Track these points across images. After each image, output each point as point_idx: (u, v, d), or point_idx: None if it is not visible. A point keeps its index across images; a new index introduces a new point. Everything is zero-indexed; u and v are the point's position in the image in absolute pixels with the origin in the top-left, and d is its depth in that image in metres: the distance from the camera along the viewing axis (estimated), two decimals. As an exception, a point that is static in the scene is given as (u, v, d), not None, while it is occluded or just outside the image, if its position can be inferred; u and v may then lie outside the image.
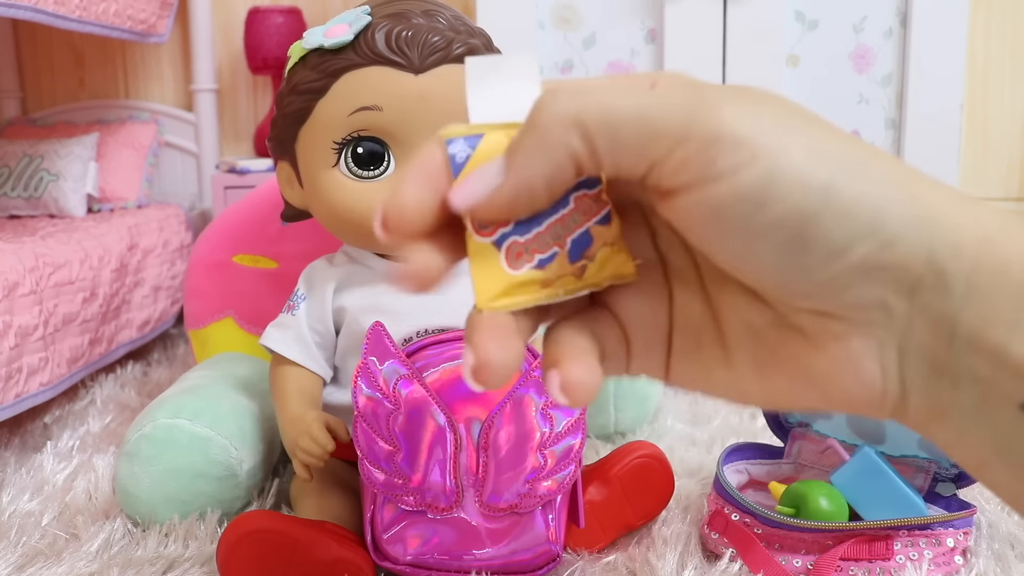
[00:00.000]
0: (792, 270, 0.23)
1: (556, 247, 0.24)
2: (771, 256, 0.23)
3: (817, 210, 0.22)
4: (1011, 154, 1.64)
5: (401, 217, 0.24)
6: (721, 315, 0.26)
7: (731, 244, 0.23)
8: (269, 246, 1.09)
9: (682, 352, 0.27)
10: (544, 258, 0.24)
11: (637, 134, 0.23)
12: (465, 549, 0.72)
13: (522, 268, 0.24)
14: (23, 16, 1.22)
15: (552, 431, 0.71)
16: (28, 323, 1.07)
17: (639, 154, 0.23)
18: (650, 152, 0.23)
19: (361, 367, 0.70)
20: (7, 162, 1.61)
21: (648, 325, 0.27)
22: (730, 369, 0.26)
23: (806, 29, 1.37)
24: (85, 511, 0.87)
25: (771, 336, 0.25)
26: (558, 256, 0.24)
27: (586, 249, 0.24)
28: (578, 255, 0.24)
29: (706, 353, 0.26)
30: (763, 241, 0.22)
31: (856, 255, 0.22)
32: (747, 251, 0.23)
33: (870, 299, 0.23)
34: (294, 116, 0.81)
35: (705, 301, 0.26)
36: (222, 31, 1.87)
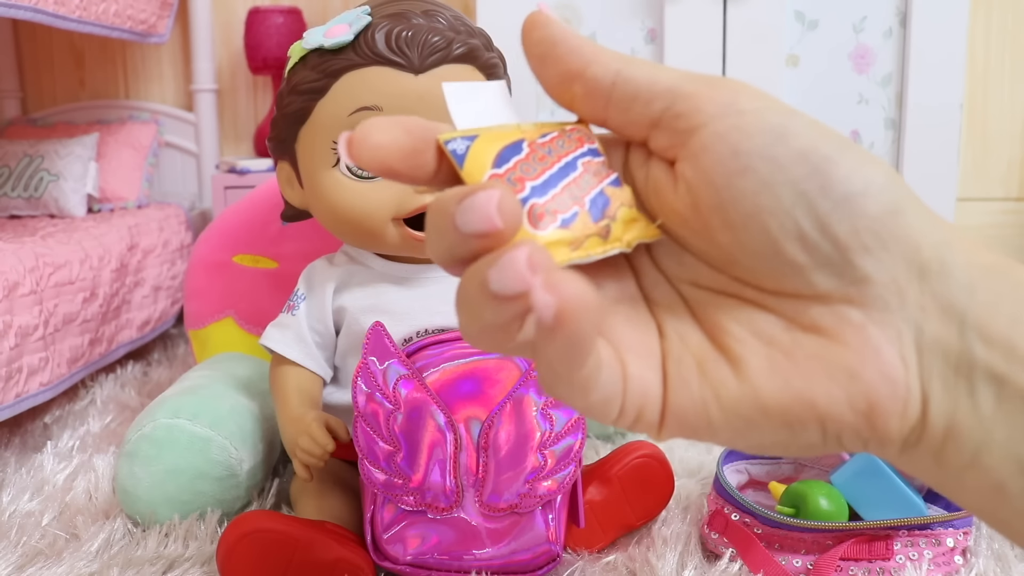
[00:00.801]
0: (813, 214, 0.23)
1: (576, 207, 0.24)
2: (793, 194, 0.23)
3: (836, 153, 0.23)
4: (1011, 154, 1.64)
5: (369, 138, 0.24)
6: (723, 333, 0.25)
7: (754, 177, 0.23)
8: (269, 246, 1.09)
9: (681, 382, 0.25)
10: (566, 217, 0.24)
11: (667, 71, 0.25)
12: (465, 549, 0.72)
13: (547, 228, 0.24)
14: (23, 16, 1.22)
15: (552, 431, 0.71)
16: (28, 323, 1.07)
17: (667, 88, 0.24)
18: (679, 87, 0.24)
19: (361, 367, 0.70)
20: (7, 162, 1.61)
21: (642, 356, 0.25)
22: (743, 381, 0.25)
23: (806, 29, 1.37)
24: (85, 511, 0.87)
25: (785, 340, 0.24)
26: (580, 215, 0.24)
27: (606, 208, 0.25)
28: (599, 214, 0.25)
29: (712, 374, 0.25)
30: (786, 173, 0.23)
31: (871, 207, 0.23)
32: (769, 187, 0.23)
33: (884, 275, 0.23)
34: (294, 116, 0.81)
35: (699, 328, 0.26)
36: (222, 31, 1.87)
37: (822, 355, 0.24)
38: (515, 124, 0.26)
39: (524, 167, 0.24)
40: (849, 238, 0.23)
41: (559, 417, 0.71)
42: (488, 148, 0.24)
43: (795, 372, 0.24)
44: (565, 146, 0.25)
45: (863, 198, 0.23)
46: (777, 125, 0.23)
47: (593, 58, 0.25)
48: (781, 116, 0.24)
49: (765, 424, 0.24)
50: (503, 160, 0.24)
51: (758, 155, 0.23)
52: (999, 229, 1.64)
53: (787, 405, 0.24)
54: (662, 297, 0.27)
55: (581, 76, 0.25)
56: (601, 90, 0.25)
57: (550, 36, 0.25)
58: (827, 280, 0.23)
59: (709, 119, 0.24)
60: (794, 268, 0.23)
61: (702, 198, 0.24)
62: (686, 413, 0.25)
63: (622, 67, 0.25)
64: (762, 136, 0.23)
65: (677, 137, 0.24)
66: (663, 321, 0.26)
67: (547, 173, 0.24)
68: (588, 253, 0.24)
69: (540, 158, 0.25)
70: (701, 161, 0.24)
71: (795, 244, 0.23)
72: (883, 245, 0.23)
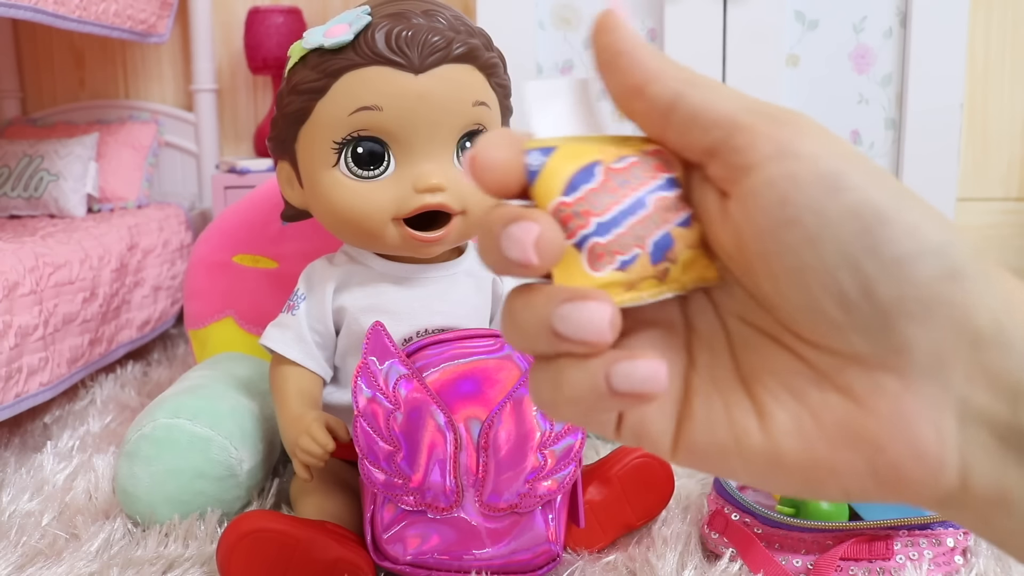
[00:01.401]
0: (857, 277, 0.22)
1: (637, 248, 0.24)
2: (838, 254, 0.22)
3: (890, 211, 0.22)
4: (1011, 154, 1.64)
5: (487, 161, 0.23)
6: (756, 380, 0.25)
7: (800, 232, 0.22)
8: (269, 246, 1.09)
9: (708, 418, 0.25)
10: (626, 259, 0.24)
11: (728, 99, 0.23)
12: (465, 549, 0.72)
13: (604, 270, 0.23)
14: (23, 16, 1.22)
15: (552, 430, 0.71)
16: (28, 323, 1.07)
17: (726, 117, 0.23)
18: (737, 118, 0.23)
19: (361, 367, 0.70)
20: (7, 162, 1.61)
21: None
22: (767, 435, 0.24)
23: (806, 29, 1.37)
24: (85, 511, 0.87)
25: (815, 400, 0.23)
26: (640, 257, 0.24)
27: (668, 251, 0.24)
28: (660, 257, 0.24)
29: (738, 421, 0.25)
30: (833, 230, 0.22)
31: (922, 272, 0.21)
32: (815, 244, 0.22)
33: (928, 344, 0.22)
34: (294, 116, 0.81)
35: (733, 368, 0.25)
36: (222, 31, 1.87)
37: (850, 423, 0.23)
38: (596, 138, 0.25)
39: (593, 199, 0.24)
40: (893, 304, 0.22)
41: (559, 417, 0.71)
42: (562, 168, 0.24)
43: (820, 438, 0.23)
44: (641, 175, 0.24)
45: (914, 262, 0.21)
46: (832, 175, 0.22)
47: (655, 75, 0.24)
48: (838, 163, 0.22)
49: (784, 478, 0.24)
50: (573, 187, 0.24)
51: (807, 208, 0.22)
52: (999, 229, 1.64)
53: (808, 468, 0.24)
54: (705, 327, 0.26)
55: (641, 93, 0.24)
56: (660, 110, 0.24)
57: (615, 45, 0.24)
58: (865, 343, 0.22)
59: (763, 160, 0.22)
60: (832, 326, 0.22)
61: (747, 242, 0.23)
62: (705, 452, 0.25)
63: (683, 89, 0.24)
64: (814, 187, 0.22)
65: (730, 172, 0.23)
66: (698, 354, 0.26)
67: (615, 209, 0.24)
68: (641, 295, 0.24)
69: (612, 189, 0.24)
70: (749, 205, 0.23)
71: (835, 304, 0.22)
72: (930, 313, 0.21)
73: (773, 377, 0.24)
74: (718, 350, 0.25)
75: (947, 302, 0.21)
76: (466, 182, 0.81)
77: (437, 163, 0.79)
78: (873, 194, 0.22)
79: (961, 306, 0.21)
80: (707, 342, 0.26)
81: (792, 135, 0.22)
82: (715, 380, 0.25)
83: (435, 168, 0.79)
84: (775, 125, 0.23)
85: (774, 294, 0.23)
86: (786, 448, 0.24)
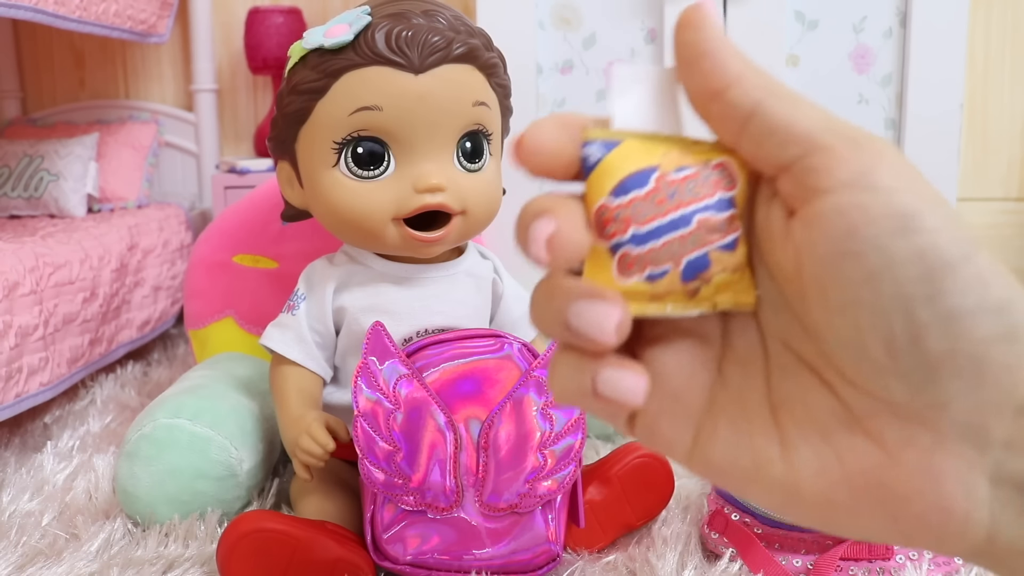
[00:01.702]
0: (909, 323, 0.21)
1: (669, 264, 0.23)
2: (895, 296, 0.21)
3: (958, 261, 0.21)
4: (1011, 154, 1.64)
5: (533, 144, 0.23)
6: (786, 411, 0.24)
7: (862, 266, 0.21)
8: (269, 246, 1.09)
9: (732, 439, 0.24)
10: (655, 273, 0.23)
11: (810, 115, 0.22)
12: (465, 549, 0.72)
13: (631, 279, 0.23)
14: (23, 16, 1.22)
15: (552, 431, 0.71)
16: (28, 323, 1.07)
17: (805, 134, 0.22)
18: (816, 137, 0.22)
19: (361, 367, 0.70)
20: (7, 162, 1.61)
21: (678, 396, 0.25)
22: (788, 468, 0.24)
23: (806, 29, 1.37)
24: (85, 511, 0.87)
25: (843, 443, 0.23)
26: (669, 274, 0.24)
27: (702, 272, 0.24)
28: (692, 276, 0.24)
29: (761, 450, 0.24)
30: (896, 271, 0.21)
31: (979, 330, 0.20)
32: (873, 281, 0.21)
33: (969, 405, 0.21)
34: (294, 116, 0.81)
35: (765, 393, 0.25)
36: (222, 31, 1.87)
37: (875, 471, 0.22)
38: (665, 137, 0.24)
39: (638, 207, 0.23)
40: (942, 357, 0.21)
41: (559, 417, 0.71)
42: (618, 168, 0.24)
43: (842, 481, 0.23)
44: (694, 190, 0.24)
45: (972, 318, 0.20)
46: (905, 213, 0.21)
47: (736, 80, 0.23)
48: (914, 202, 0.21)
49: (802, 512, 0.24)
50: (622, 191, 0.23)
51: (873, 244, 0.21)
52: (999, 229, 1.64)
53: (827, 507, 0.23)
54: (744, 346, 0.25)
55: (720, 97, 0.23)
56: (738, 118, 0.23)
57: (699, 44, 0.23)
58: (905, 392, 0.21)
59: (837, 185, 0.22)
60: (875, 368, 0.22)
61: (805, 267, 0.22)
62: (723, 470, 0.25)
63: (763, 98, 0.23)
64: (884, 223, 0.21)
65: (801, 192, 0.22)
66: (730, 372, 0.25)
67: (656, 222, 0.23)
68: (664, 308, 0.24)
69: (659, 201, 0.23)
70: (814, 229, 0.22)
71: (882, 346, 0.21)
72: (979, 374, 0.21)
73: (804, 410, 0.24)
74: (752, 372, 0.25)
75: (999, 364, 0.21)
76: (466, 183, 0.81)
77: (437, 163, 0.79)
78: (943, 240, 0.21)
79: (1013, 370, 0.21)
80: (742, 361, 0.25)
81: (872, 164, 0.22)
82: (744, 401, 0.25)
83: (435, 168, 0.79)
84: (855, 150, 0.22)
85: (823, 324, 0.23)
86: (806, 485, 0.23)
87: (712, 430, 0.25)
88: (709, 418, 0.25)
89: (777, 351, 0.25)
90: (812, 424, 0.23)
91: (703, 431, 0.25)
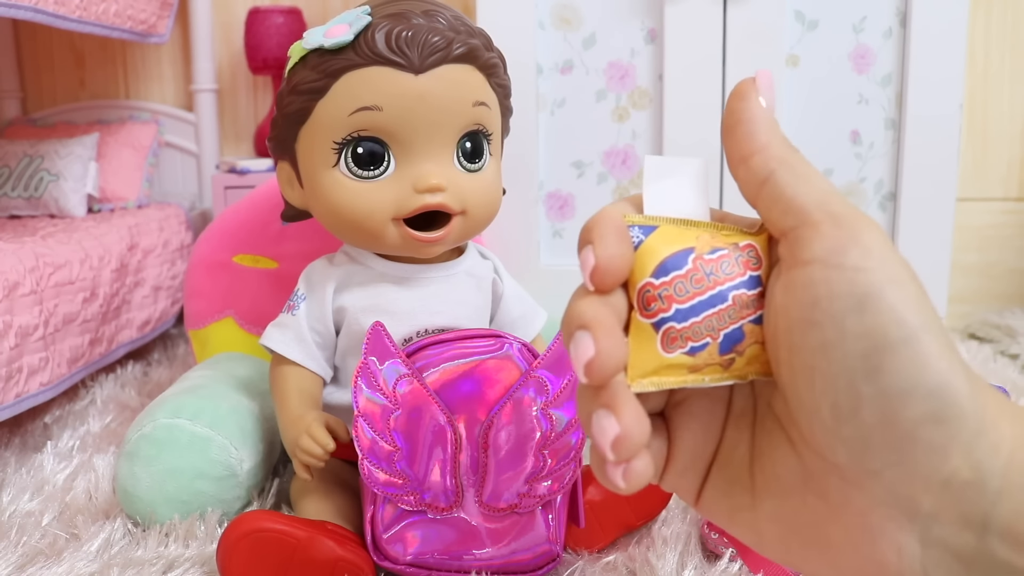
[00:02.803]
0: (851, 394, 0.23)
1: (709, 338, 0.25)
2: (842, 368, 0.23)
3: (899, 343, 0.22)
4: (1011, 154, 1.64)
5: (609, 269, 0.26)
6: (760, 465, 0.27)
7: (819, 336, 0.23)
8: (269, 246, 1.09)
9: (716, 487, 0.28)
10: (696, 346, 0.25)
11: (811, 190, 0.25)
12: (465, 549, 0.72)
13: (674, 352, 0.25)
14: (23, 16, 1.22)
15: (552, 431, 0.71)
16: (28, 323, 1.07)
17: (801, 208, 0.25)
18: (808, 213, 0.24)
19: (361, 367, 0.70)
20: (7, 162, 1.61)
21: (694, 452, 0.28)
22: (755, 515, 0.27)
23: (806, 29, 1.37)
24: (85, 511, 0.87)
25: (796, 500, 0.25)
26: (709, 347, 0.25)
27: (737, 344, 0.26)
28: (728, 348, 0.26)
29: (736, 496, 0.27)
30: (846, 346, 0.23)
31: (909, 411, 0.22)
32: (827, 351, 0.23)
33: (896, 479, 0.23)
34: (294, 116, 0.81)
35: (749, 447, 0.27)
36: (222, 31, 1.87)
37: (821, 527, 0.25)
38: (696, 222, 0.26)
39: (679, 286, 0.25)
40: (875, 430, 0.23)
41: (559, 417, 0.71)
42: (658, 250, 0.26)
43: (795, 533, 0.25)
44: (728, 270, 0.26)
45: (903, 398, 0.22)
46: (866, 294, 0.23)
47: (761, 148, 0.26)
48: (879, 284, 0.23)
49: (766, 551, 0.27)
50: (663, 271, 0.26)
51: (831, 318, 0.23)
52: (999, 229, 1.64)
53: (782, 552, 0.26)
54: (740, 405, 0.28)
55: (745, 162, 0.26)
56: (755, 183, 0.26)
57: (738, 113, 0.26)
58: (845, 457, 0.23)
59: (812, 259, 0.24)
60: (824, 431, 0.24)
61: (780, 328, 0.25)
62: (712, 513, 0.28)
63: (777, 168, 0.25)
64: (843, 301, 0.23)
65: (790, 258, 0.25)
66: (728, 428, 0.28)
67: (697, 299, 0.25)
68: (702, 380, 0.26)
69: (697, 280, 0.26)
70: (789, 295, 0.24)
71: (829, 412, 0.23)
72: (906, 448, 0.22)
73: (771, 466, 0.26)
74: (742, 426, 0.27)
75: (926, 443, 0.22)
76: (466, 183, 0.81)
77: (437, 163, 0.79)
78: (889, 322, 0.23)
79: (940, 450, 0.22)
80: (737, 417, 0.28)
81: (845, 243, 0.23)
82: (732, 453, 0.27)
83: (435, 168, 0.79)
84: (835, 228, 0.24)
85: (788, 384, 0.24)
86: (767, 531, 0.26)
87: (708, 480, 0.28)
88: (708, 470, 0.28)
89: (763, 410, 0.27)
90: (776, 479, 0.26)
91: (704, 481, 0.28)
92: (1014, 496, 0.22)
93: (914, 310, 0.23)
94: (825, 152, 1.39)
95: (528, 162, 1.40)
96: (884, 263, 0.23)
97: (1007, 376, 1.28)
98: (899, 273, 0.23)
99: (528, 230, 1.41)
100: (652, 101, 1.40)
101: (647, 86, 1.39)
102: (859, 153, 1.39)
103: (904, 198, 1.37)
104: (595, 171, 1.42)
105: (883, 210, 1.41)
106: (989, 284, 1.64)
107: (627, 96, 1.40)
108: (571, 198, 1.43)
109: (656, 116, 1.40)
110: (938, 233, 1.38)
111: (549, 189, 1.44)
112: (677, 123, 1.37)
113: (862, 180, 1.40)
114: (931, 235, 1.38)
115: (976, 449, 0.22)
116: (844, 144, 1.39)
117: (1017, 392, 1.18)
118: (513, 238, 1.40)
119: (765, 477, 0.26)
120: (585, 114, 1.41)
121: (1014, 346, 1.40)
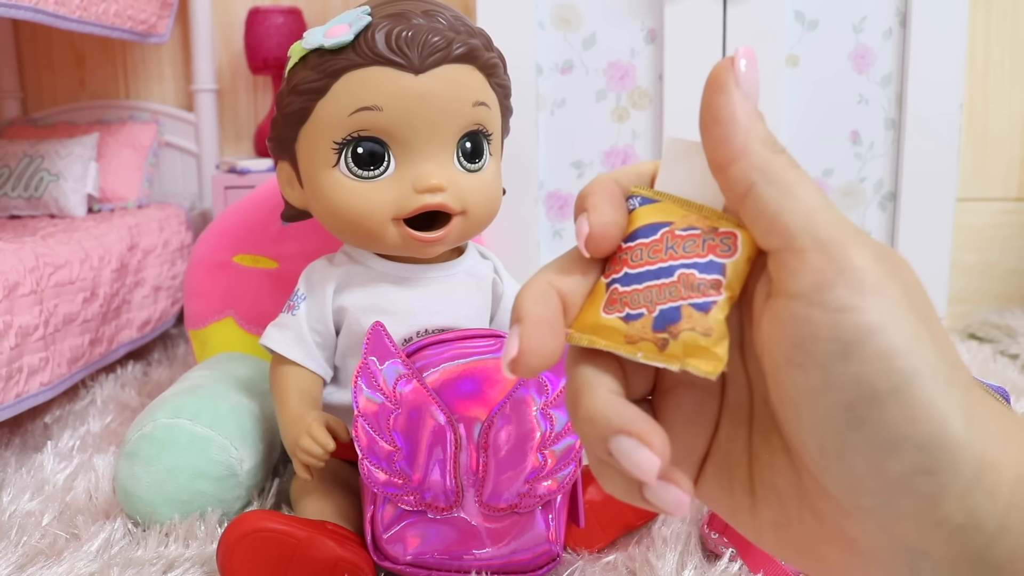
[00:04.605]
0: (838, 440, 0.22)
1: (644, 308, 0.25)
2: (828, 415, 0.22)
3: (886, 395, 0.21)
4: (1011, 154, 1.64)
5: (604, 236, 0.25)
6: (758, 470, 0.26)
7: (804, 380, 0.22)
8: (269, 246, 1.09)
9: (715, 481, 0.27)
10: (632, 314, 0.25)
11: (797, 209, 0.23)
12: (465, 549, 0.72)
13: (612, 315, 0.25)
14: (23, 16, 1.22)
15: (552, 431, 0.71)
16: (28, 323, 1.07)
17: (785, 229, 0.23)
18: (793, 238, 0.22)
19: (361, 367, 0.70)
20: (7, 162, 1.61)
21: (684, 443, 0.27)
22: (754, 519, 0.26)
23: (806, 29, 1.37)
24: (85, 511, 0.87)
25: (793, 510, 0.24)
26: (643, 318, 0.25)
27: (671, 324, 0.24)
28: (662, 326, 0.24)
29: (738, 496, 0.26)
30: (829, 394, 0.21)
31: (897, 464, 0.21)
32: (813, 395, 0.22)
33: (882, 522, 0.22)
34: (294, 116, 0.81)
35: (747, 444, 0.26)
36: (222, 31, 1.87)
37: (816, 544, 0.24)
38: (698, 206, 0.26)
39: (638, 252, 0.25)
40: (864, 476, 0.21)
41: (559, 417, 0.71)
42: (641, 218, 0.26)
43: (792, 544, 0.25)
44: (688, 248, 0.25)
45: (891, 450, 0.21)
46: (853, 338, 0.21)
47: (739, 155, 0.23)
48: (866, 327, 0.21)
49: (767, 550, 0.26)
50: (637, 235, 0.26)
51: (815, 361, 0.21)
52: (999, 229, 1.64)
53: (781, 555, 0.26)
54: (735, 399, 0.27)
55: (723, 173, 0.24)
56: (735, 195, 0.24)
57: (714, 108, 0.24)
58: (835, 490, 0.22)
59: (797, 293, 0.22)
60: (812, 463, 0.23)
61: (765, 358, 0.23)
62: (714, 505, 0.27)
63: (757, 180, 0.23)
64: (828, 345, 0.21)
65: (777, 282, 0.23)
66: (723, 423, 0.27)
67: (645, 268, 0.25)
68: (636, 353, 0.25)
69: (655, 251, 0.25)
70: (774, 329, 0.23)
71: (817, 450, 0.22)
72: (895, 495, 0.21)
73: (771, 474, 0.25)
74: (738, 422, 0.26)
75: (916, 492, 0.21)
76: (466, 183, 0.81)
77: (437, 163, 0.79)
78: (880, 369, 0.21)
79: (931, 498, 0.21)
80: (731, 411, 0.27)
81: (830, 278, 0.21)
82: (729, 450, 0.26)
83: (435, 168, 0.79)
84: (821, 258, 0.22)
85: (776, 411, 0.24)
86: (766, 537, 0.26)
87: (703, 474, 0.27)
88: (702, 465, 0.27)
89: (760, 407, 0.26)
90: (774, 489, 0.25)
91: (698, 476, 0.27)
92: (1012, 540, 0.21)
93: (906, 353, 0.21)
94: (825, 152, 1.39)
95: (528, 162, 1.40)
96: (875, 299, 0.21)
97: (1007, 376, 1.28)
98: (891, 308, 0.21)
99: (528, 230, 1.41)
100: (652, 101, 1.40)
101: (647, 86, 1.40)
102: (859, 153, 1.39)
103: (904, 198, 1.37)
104: (595, 171, 1.42)
105: (883, 210, 1.41)
106: (989, 284, 1.64)
107: (627, 96, 1.40)
108: (571, 198, 1.43)
109: (656, 116, 1.40)
110: (938, 233, 1.38)
111: (549, 189, 1.44)
112: (677, 123, 1.37)
113: (862, 180, 1.40)
114: (931, 235, 1.38)
115: (971, 496, 0.21)
116: (844, 144, 1.39)
117: (1017, 392, 1.18)
118: (513, 238, 1.40)
119: (764, 485, 0.25)
120: (585, 114, 1.41)
121: (1014, 346, 1.40)
